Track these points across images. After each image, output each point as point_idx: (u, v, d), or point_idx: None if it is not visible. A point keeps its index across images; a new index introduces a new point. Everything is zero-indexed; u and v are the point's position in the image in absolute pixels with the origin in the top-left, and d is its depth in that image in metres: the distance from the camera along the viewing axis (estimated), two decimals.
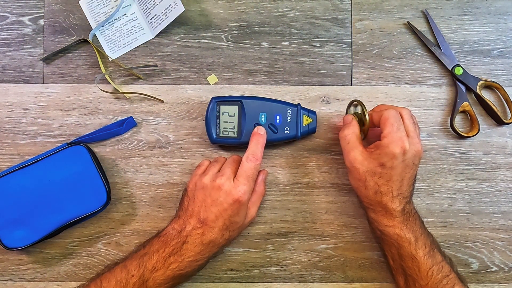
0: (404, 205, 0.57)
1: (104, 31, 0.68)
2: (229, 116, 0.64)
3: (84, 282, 0.59)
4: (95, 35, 0.68)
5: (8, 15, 0.68)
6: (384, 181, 0.56)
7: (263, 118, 0.64)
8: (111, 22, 0.68)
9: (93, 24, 0.68)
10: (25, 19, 0.68)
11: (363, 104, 0.60)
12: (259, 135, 0.61)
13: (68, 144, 0.65)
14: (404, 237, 0.57)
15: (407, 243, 0.57)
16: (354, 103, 0.63)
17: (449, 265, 0.58)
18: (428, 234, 0.59)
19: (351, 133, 0.58)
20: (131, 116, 0.66)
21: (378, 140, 0.57)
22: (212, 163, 0.62)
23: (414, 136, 0.57)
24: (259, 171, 0.64)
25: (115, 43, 0.68)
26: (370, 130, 0.62)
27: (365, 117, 0.59)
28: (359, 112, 0.61)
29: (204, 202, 0.57)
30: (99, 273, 0.58)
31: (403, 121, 0.57)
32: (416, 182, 0.60)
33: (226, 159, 0.63)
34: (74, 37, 0.68)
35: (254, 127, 0.64)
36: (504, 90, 0.66)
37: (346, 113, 0.65)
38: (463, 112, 0.67)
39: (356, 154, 0.57)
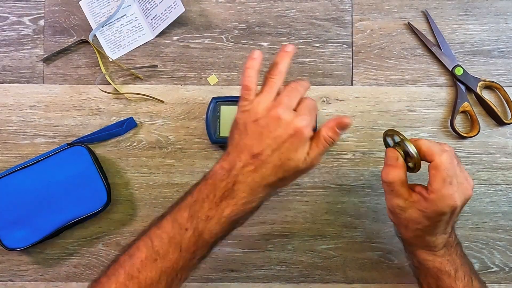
0: (447, 239, 0.54)
1: (104, 31, 0.68)
2: (229, 116, 0.64)
3: (123, 246, 0.51)
4: (95, 36, 0.68)
5: (9, 15, 0.68)
6: (429, 229, 0.52)
7: None
8: (111, 22, 0.68)
9: (93, 25, 0.68)
10: (26, 19, 0.68)
11: (405, 137, 0.52)
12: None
13: (68, 144, 0.65)
14: (444, 270, 0.54)
15: (447, 276, 0.54)
16: (390, 133, 0.55)
17: None
18: (467, 262, 0.57)
19: (397, 179, 0.51)
20: (131, 117, 0.66)
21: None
22: (265, 89, 0.51)
23: (463, 181, 0.51)
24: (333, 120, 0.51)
25: (115, 44, 0.68)
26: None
27: (416, 157, 0.51)
28: (401, 144, 0.52)
29: (260, 134, 0.48)
30: (145, 230, 0.50)
31: None
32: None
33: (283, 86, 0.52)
34: (75, 38, 0.68)
35: None
36: (504, 90, 0.66)
37: (385, 145, 0.57)
38: (464, 112, 0.67)
39: (399, 202, 0.52)
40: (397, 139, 0.53)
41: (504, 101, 0.67)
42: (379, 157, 0.67)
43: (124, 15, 0.68)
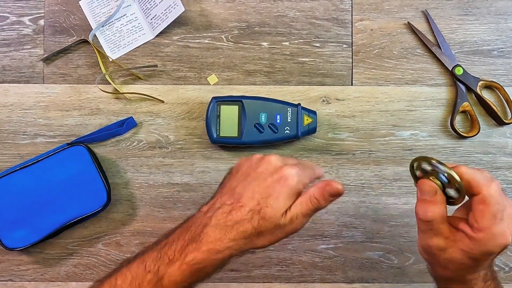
0: (486, 273, 0.47)
1: (104, 31, 0.68)
2: (229, 116, 0.64)
3: (99, 278, 0.49)
4: (95, 36, 0.68)
5: (9, 15, 0.68)
6: (473, 268, 0.46)
7: (263, 118, 0.64)
8: (111, 22, 0.68)
9: (93, 25, 0.68)
10: (26, 19, 0.68)
11: (444, 164, 0.43)
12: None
13: (68, 144, 0.65)
14: None
15: None
16: (421, 160, 0.46)
17: None
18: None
19: (438, 216, 0.44)
20: (131, 117, 0.66)
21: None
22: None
23: (510, 212, 0.43)
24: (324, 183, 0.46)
25: (115, 43, 0.68)
26: None
27: (461, 188, 0.43)
28: (437, 173, 0.44)
29: (247, 176, 0.47)
30: (116, 268, 0.48)
31: None
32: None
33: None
34: (74, 38, 0.68)
35: (255, 127, 0.64)
36: (504, 90, 0.66)
37: (413, 173, 0.48)
38: (464, 112, 0.67)
39: (439, 242, 0.45)
40: (429, 166, 0.45)
41: (504, 101, 0.67)
42: (379, 157, 0.67)
43: (124, 15, 0.68)
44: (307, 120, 0.64)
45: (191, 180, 0.67)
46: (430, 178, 0.44)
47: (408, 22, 0.68)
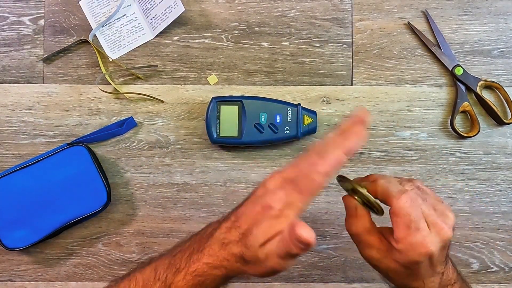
0: (441, 279, 0.47)
1: (104, 31, 0.68)
2: (229, 116, 0.64)
3: (114, 279, 0.49)
4: (95, 36, 0.68)
5: (8, 15, 0.68)
6: (412, 276, 0.46)
7: (263, 118, 0.64)
8: (111, 22, 0.68)
9: (93, 25, 0.68)
10: (25, 19, 0.68)
11: (356, 184, 0.46)
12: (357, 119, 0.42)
13: (68, 144, 0.65)
14: None
15: None
16: (340, 179, 0.48)
17: None
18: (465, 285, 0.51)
19: (361, 230, 0.46)
20: (131, 117, 0.66)
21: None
22: (295, 162, 0.42)
23: (435, 220, 0.44)
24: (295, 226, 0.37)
25: (115, 44, 0.68)
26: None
27: (374, 203, 0.45)
28: (360, 190, 0.46)
29: (249, 198, 0.44)
30: (133, 270, 0.48)
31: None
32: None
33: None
34: (75, 38, 0.68)
35: (255, 127, 0.64)
36: (504, 90, 0.67)
37: (343, 187, 0.49)
38: (464, 112, 0.67)
39: (372, 253, 0.46)
40: (349, 185, 0.47)
41: (504, 101, 0.67)
42: (379, 157, 0.67)
43: (124, 15, 0.68)
44: (307, 120, 0.64)
45: (191, 180, 0.67)
46: (353, 195, 0.46)
47: (408, 22, 0.68)
